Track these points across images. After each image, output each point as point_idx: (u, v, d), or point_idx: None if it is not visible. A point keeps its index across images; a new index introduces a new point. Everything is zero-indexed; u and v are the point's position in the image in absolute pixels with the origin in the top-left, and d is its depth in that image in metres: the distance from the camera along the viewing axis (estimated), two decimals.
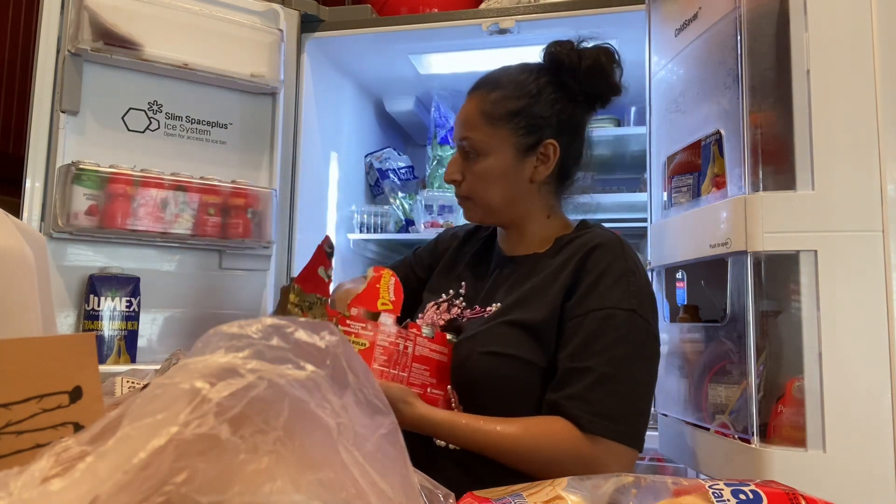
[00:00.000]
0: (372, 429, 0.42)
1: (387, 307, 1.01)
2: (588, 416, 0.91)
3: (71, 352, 0.49)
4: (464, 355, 1.02)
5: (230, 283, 1.73)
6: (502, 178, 1.07)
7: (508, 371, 0.98)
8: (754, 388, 1.01)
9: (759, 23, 1.07)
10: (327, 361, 0.42)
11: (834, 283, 0.98)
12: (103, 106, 1.57)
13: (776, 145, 1.04)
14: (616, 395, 0.93)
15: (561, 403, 0.93)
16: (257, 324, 0.41)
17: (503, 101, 1.06)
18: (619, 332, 0.95)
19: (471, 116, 1.08)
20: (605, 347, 0.94)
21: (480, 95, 1.09)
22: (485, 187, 1.08)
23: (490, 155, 1.07)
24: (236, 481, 0.35)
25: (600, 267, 0.99)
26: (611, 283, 0.98)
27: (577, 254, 1.02)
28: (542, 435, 0.93)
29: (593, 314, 0.96)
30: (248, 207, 1.66)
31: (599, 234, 1.06)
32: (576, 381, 0.93)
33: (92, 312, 1.50)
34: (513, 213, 1.11)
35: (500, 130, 1.06)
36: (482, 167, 1.07)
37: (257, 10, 1.73)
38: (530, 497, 0.57)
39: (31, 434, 0.46)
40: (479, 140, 1.07)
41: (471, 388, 1.01)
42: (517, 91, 1.07)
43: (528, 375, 0.98)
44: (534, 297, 1.01)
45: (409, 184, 2.30)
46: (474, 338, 1.02)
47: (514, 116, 1.06)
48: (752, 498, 0.53)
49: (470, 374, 1.00)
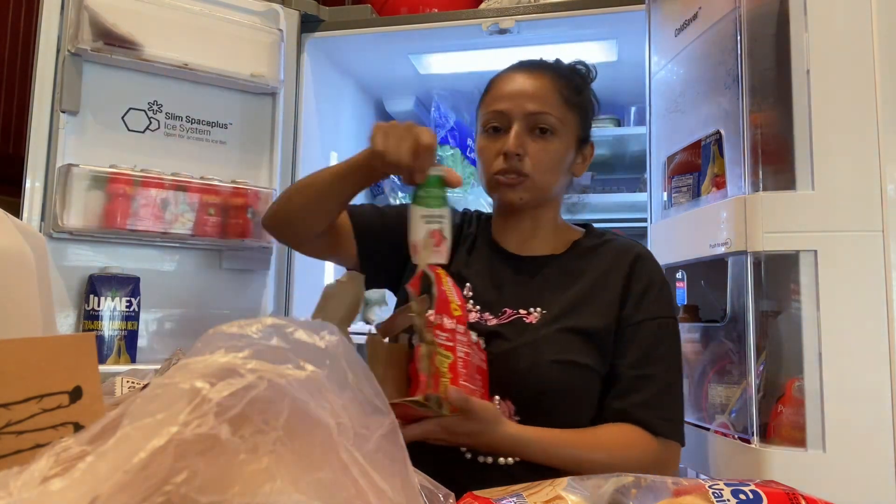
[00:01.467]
0: (371, 429, 0.42)
1: (458, 313, 0.92)
2: (659, 421, 0.97)
3: (71, 352, 0.49)
4: (527, 364, 0.97)
5: (230, 283, 1.73)
6: (562, 163, 1.06)
7: (576, 379, 0.98)
8: (754, 388, 1.01)
9: (759, 23, 1.07)
10: (327, 361, 0.42)
11: (834, 282, 0.98)
12: (103, 106, 1.57)
13: (776, 145, 1.04)
14: (675, 399, 1.00)
15: (631, 411, 0.97)
16: (257, 324, 0.41)
17: (577, 91, 1.08)
18: (671, 339, 1.02)
19: (548, 93, 1.05)
20: (663, 355, 1.00)
21: (552, 76, 1.07)
22: (547, 169, 1.04)
23: (560, 137, 1.05)
24: (236, 481, 0.35)
25: (647, 276, 1.02)
26: (657, 292, 1.02)
27: (620, 262, 1.04)
28: (629, 444, 0.96)
29: (648, 323, 1.00)
30: (248, 207, 1.66)
31: (630, 241, 1.09)
32: (642, 388, 0.98)
33: (92, 312, 1.50)
34: (550, 205, 1.10)
35: (572, 116, 1.06)
36: (555, 147, 1.04)
37: (257, 10, 1.73)
38: (530, 497, 0.57)
39: (31, 434, 0.46)
40: (556, 119, 1.04)
41: (537, 398, 0.97)
42: (582, 82, 1.10)
43: (591, 382, 0.99)
44: (587, 304, 1.01)
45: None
46: (534, 345, 0.98)
47: (581, 108, 1.08)
48: (752, 498, 0.53)
49: (538, 384, 0.97)
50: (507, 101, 1.05)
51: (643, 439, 0.96)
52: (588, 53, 1.92)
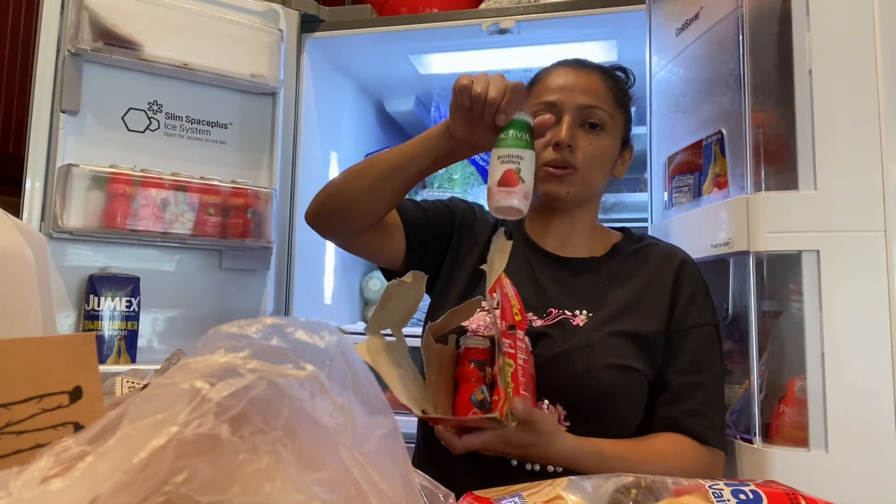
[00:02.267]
0: (372, 429, 0.42)
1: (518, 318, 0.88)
2: (709, 430, 0.97)
3: (71, 352, 0.49)
4: (582, 368, 0.95)
5: (230, 283, 1.73)
6: (609, 161, 1.07)
7: (630, 383, 0.97)
8: (756, 388, 1.01)
9: (761, 22, 1.06)
10: (327, 361, 0.42)
11: (836, 282, 0.98)
12: (103, 106, 1.57)
13: (778, 145, 1.04)
14: (721, 407, 1.00)
15: (682, 420, 0.97)
16: (257, 324, 0.41)
17: (625, 91, 1.09)
18: (717, 347, 1.02)
19: (600, 89, 1.05)
20: (711, 363, 1.00)
21: (602, 75, 1.07)
22: (595, 164, 1.04)
23: (608, 134, 1.05)
24: (236, 481, 0.35)
25: (692, 282, 1.03)
26: (703, 298, 1.03)
27: (667, 265, 1.04)
28: (681, 455, 0.96)
29: (696, 330, 1.00)
30: (248, 207, 1.66)
31: (671, 247, 1.09)
32: (692, 396, 0.98)
33: (92, 312, 1.49)
34: (592, 202, 1.11)
35: (620, 115, 1.07)
36: (605, 143, 1.05)
37: (257, 10, 1.73)
38: (530, 497, 0.57)
39: (31, 434, 0.46)
40: (607, 115, 1.04)
41: (591, 403, 0.95)
42: (626, 86, 1.11)
43: (642, 387, 0.99)
44: (636, 308, 1.01)
45: None
46: (589, 349, 0.96)
47: (627, 109, 1.10)
48: (752, 498, 0.53)
49: (593, 388, 0.95)
50: (557, 93, 1.03)
51: (694, 449, 0.96)
52: (588, 53, 1.91)
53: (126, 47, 1.52)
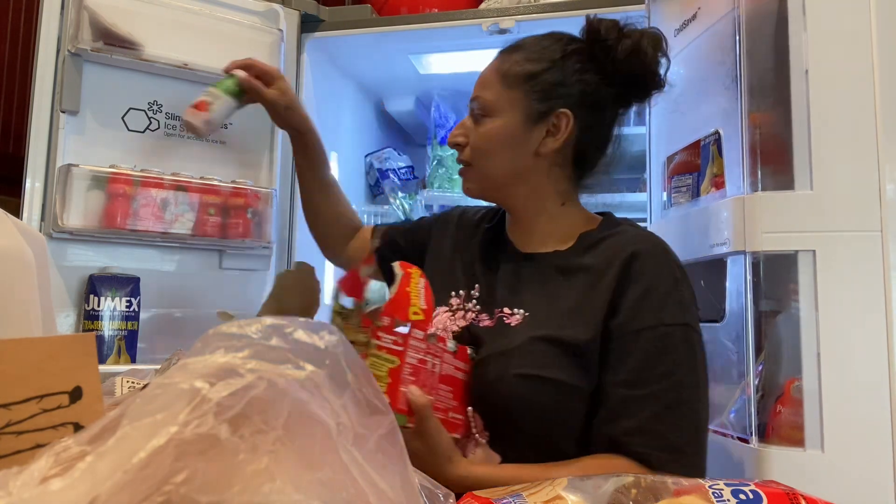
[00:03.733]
0: (371, 428, 0.42)
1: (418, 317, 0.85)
2: (657, 452, 0.81)
3: (71, 352, 0.49)
4: (494, 376, 0.88)
5: (230, 283, 1.73)
6: (506, 144, 0.97)
7: (548, 397, 0.86)
8: (753, 389, 1.01)
9: (758, 23, 1.07)
10: (326, 361, 0.42)
11: (832, 283, 0.98)
12: (103, 106, 1.57)
13: (775, 145, 1.04)
14: (683, 424, 0.83)
15: (622, 440, 0.83)
16: (257, 324, 0.41)
17: (522, 63, 0.99)
18: (678, 352, 0.85)
19: (486, 76, 1.02)
20: (666, 372, 0.84)
21: (502, 56, 1.02)
22: (486, 152, 0.99)
23: (498, 117, 0.98)
24: (236, 481, 0.35)
25: (647, 277, 0.88)
26: (662, 295, 0.87)
27: (615, 259, 0.90)
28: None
29: (646, 333, 0.85)
30: (249, 207, 1.66)
31: (635, 234, 0.95)
32: (636, 411, 0.83)
33: (92, 312, 1.50)
34: (516, 191, 1.00)
35: (513, 92, 0.98)
36: (487, 129, 0.98)
37: (257, 10, 1.73)
38: (530, 497, 0.57)
39: (31, 434, 0.46)
40: (489, 100, 0.99)
41: (503, 415, 0.88)
42: (540, 54, 0.99)
43: (570, 401, 0.86)
44: (573, 311, 0.89)
45: (410, 184, 2.30)
46: (506, 355, 0.88)
47: (530, 79, 0.98)
48: (752, 498, 0.53)
49: (502, 399, 0.87)
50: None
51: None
52: None
53: (126, 47, 1.52)
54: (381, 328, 0.82)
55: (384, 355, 0.81)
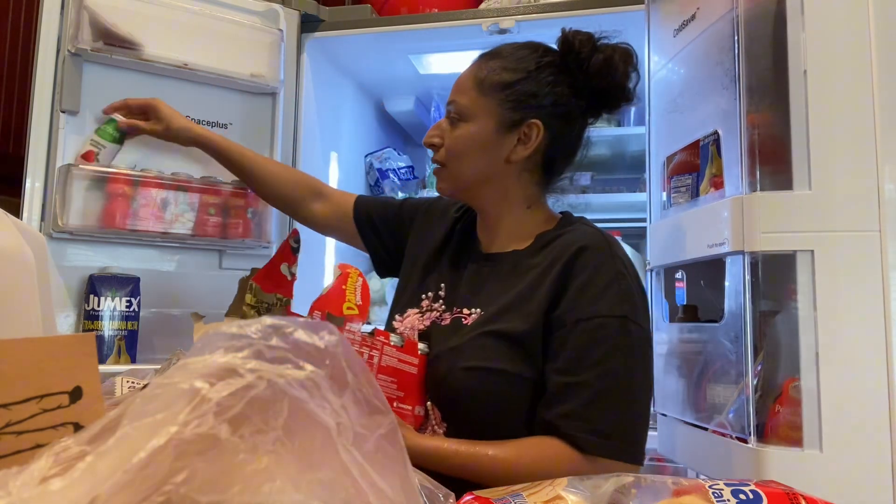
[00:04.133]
0: (371, 428, 0.42)
1: (352, 311, 0.93)
2: (585, 435, 0.87)
3: (71, 352, 0.49)
4: (444, 370, 0.95)
5: (230, 283, 1.73)
6: (478, 149, 1.02)
7: (495, 387, 0.92)
8: (751, 388, 1.01)
9: (757, 23, 1.07)
10: (326, 361, 0.42)
11: (831, 283, 0.98)
12: (103, 106, 1.57)
13: (773, 145, 1.04)
14: (614, 410, 0.88)
15: (556, 423, 0.88)
16: (256, 324, 0.41)
17: (498, 71, 1.02)
18: (613, 341, 0.90)
19: (463, 81, 1.05)
20: (599, 360, 0.89)
21: (479, 63, 1.05)
22: (459, 155, 1.03)
23: (471, 122, 1.02)
24: (236, 481, 0.35)
25: (587, 271, 0.93)
26: (600, 288, 0.92)
27: (561, 256, 0.95)
28: (539, 459, 0.88)
29: (583, 324, 0.90)
30: (249, 207, 1.66)
31: (583, 232, 1.00)
32: (570, 397, 0.88)
33: (92, 312, 1.50)
34: (485, 193, 1.05)
35: (487, 99, 1.02)
36: (461, 132, 1.03)
37: (257, 10, 1.73)
38: (530, 497, 0.57)
39: (31, 434, 0.46)
40: (464, 105, 1.03)
41: (454, 406, 0.95)
42: (516, 64, 1.03)
43: (516, 390, 0.93)
44: (519, 305, 0.95)
45: (409, 184, 2.30)
46: (455, 351, 0.96)
47: (505, 88, 1.01)
48: (752, 498, 0.53)
49: (453, 391, 0.94)
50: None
51: (562, 455, 0.87)
52: None
53: (126, 47, 1.52)
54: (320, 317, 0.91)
55: None
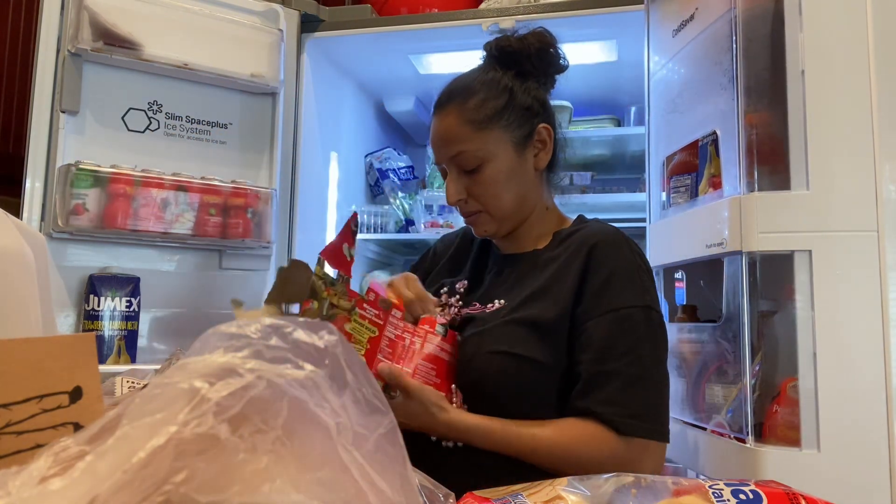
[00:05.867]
0: (371, 428, 0.42)
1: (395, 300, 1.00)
2: (622, 418, 0.91)
3: (71, 352, 0.49)
4: (470, 353, 0.99)
5: (230, 283, 1.74)
6: (511, 178, 1.04)
7: (516, 371, 0.95)
8: (749, 388, 1.01)
9: (755, 23, 1.07)
10: (326, 361, 0.42)
11: (829, 283, 0.98)
12: (103, 106, 1.57)
13: (771, 145, 1.04)
14: (645, 394, 0.93)
15: (594, 409, 0.92)
16: (256, 323, 0.41)
17: (485, 104, 1.02)
18: (639, 331, 0.94)
19: (455, 130, 1.03)
20: (629, 349, 0.93)
21: (456, 107, 1.04)
22: (497, 194, 1.03)
23: (491, 161, 1.02)
24: (235, 481, 0.35)
25: (609, 265, 0.96)
26: (623, 281, 0.96)
27: (580, 251, 0.99)
28: (580, 438, 0.91)
29: (609, 315, 0.94)
30: (248, 207, 1.67)
31: (599, 228, 1.03)
32: (603, 385, 0.92)
33: (92, 312, 1.50)
34: (526, 210, 1.08)
35: (492, 133, 1.02)
36: (489, 175, 1.02)
37: (257, 10, 1.73)
38: (530, 497, 0.57)
39: (31, 434, 0.46)
40: (474, 150, 1.02)
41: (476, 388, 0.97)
42: (494, 90, 1.03)
43: (539, 377, 0.95)
44: (542, 295, 0.98)
45: (409, 184, 2.30)
46: (481, 335, 0.99)
47: (502, 114, 1.02)
48: (752, 498, 0.53)
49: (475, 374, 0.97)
50: (435, 151, 1.08)
51: (601, 436, 0.91)
52: (588, 53, 1.92)
53: (126, 47, 1.52)
54: (366, 301, 0.94)
55: (366, 324, 0.93)
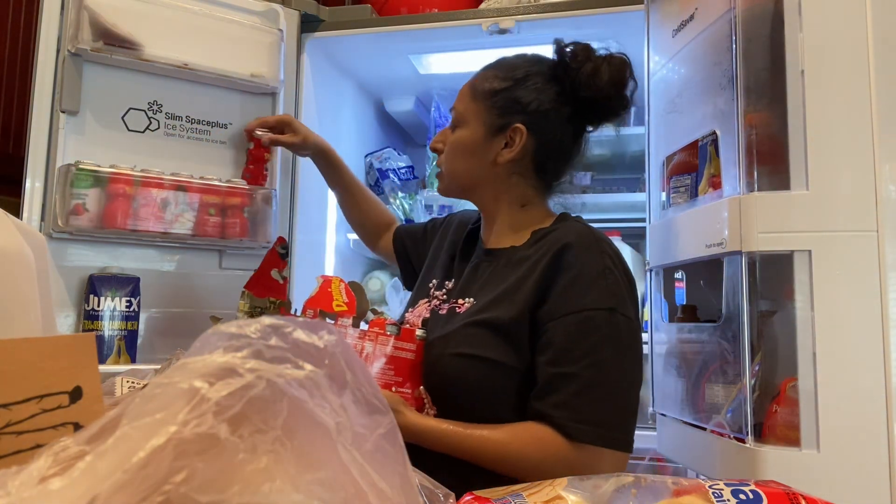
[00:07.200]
0: (371, 428, 0.42)
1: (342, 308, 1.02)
2: (574, 423, 0.89)
3: (71, 352, 0.49)
4: (435, 356, 1.00)
5: (230, 283, 1.73)
6: (468, 152, 1.10)
7: (480, 373, 0.96)
8: (749, 388, 1.01)
9: (754, 23, 1.07)
10: (326, 361, 0.42)
11: (828, 283, 0.98)
12: (103, 106, 1.57)
13: (771, 145, 1.04)
14: (602, 400, 0.91)
15: (547, 412, 0.91)
16: (256, 323, 0.41)
17: (490, 79, 1.10)
18: (600, 333, 0.93)
19: (464, 88, 1.14)
20: (587, 351, 0.92)
21: (481, 71, 1.14)
22: (452, 158, 1.12)
23: (464, 127, 1.10)
24: (235, 481, 0.35)
25: (575, 266, 0.96)
26: (587, 282, 0.95)
27: (549, 252, 0.98)
28: (530, 442, 0.91)
29: (571, 317, 0.93)
30: (247, 207, 1.67)
31: (573, 229, 1.02)
32: (560, 388, 0.91)
33: (92, 312, 1.50)
34: (479, 194, 1.13)
35: (478, 105, 1.09)
36: (455, 137, 1.11)
37: (257, 10, 1.73)
38: (530, 497, 0.57)
39: (32, 434, 0.46)
40: (460, 111, 1.11)
41: (443, 391, 0.99)
42: (506, 72, 1.10)
43: (502, 378, 0.96)
44: (506, 296, 0.99)
45: (409, 184, 2.30)
46: (446, 338, 1.00)
47: (493, 95, 1.08)
48: (752, 498, 0.53)
49: (441, 377, 0.99)
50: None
51: (550, 440, 0.90)
52: None
53: (126, 47, 1.52)
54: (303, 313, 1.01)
55: None
